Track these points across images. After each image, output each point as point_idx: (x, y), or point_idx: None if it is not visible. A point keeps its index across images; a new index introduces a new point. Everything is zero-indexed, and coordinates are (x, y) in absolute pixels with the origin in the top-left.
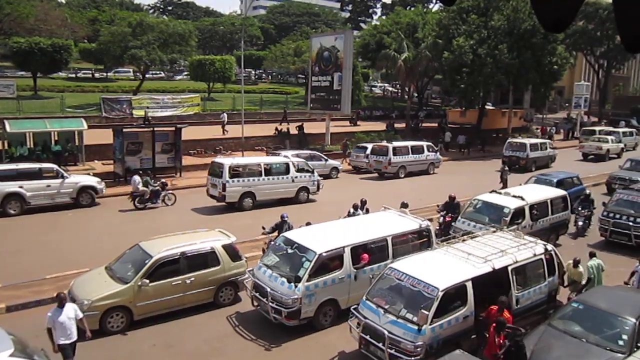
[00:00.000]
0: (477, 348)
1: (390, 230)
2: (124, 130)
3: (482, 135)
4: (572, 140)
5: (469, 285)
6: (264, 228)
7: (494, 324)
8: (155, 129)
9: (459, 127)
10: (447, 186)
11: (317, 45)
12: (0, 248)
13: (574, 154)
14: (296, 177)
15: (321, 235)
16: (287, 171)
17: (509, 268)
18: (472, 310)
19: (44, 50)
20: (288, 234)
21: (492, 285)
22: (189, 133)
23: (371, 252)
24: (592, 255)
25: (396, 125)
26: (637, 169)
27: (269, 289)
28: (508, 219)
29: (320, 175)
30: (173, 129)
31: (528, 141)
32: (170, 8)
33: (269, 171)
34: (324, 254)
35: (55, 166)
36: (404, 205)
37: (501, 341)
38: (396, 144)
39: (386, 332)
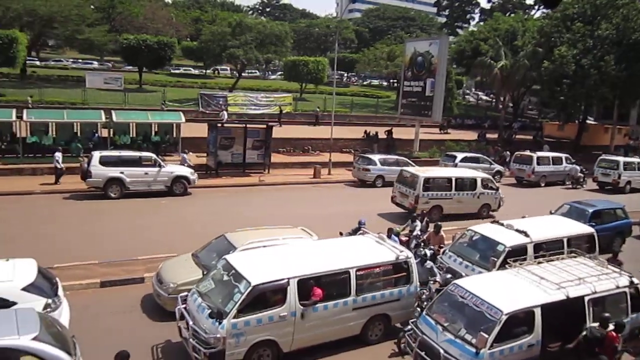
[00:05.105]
0: None
1: (357, 260)
2: (219, 125)
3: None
4: None
5: (538, 311)
6: (341, 234)
7: None
8: (248, 125)
9: (556, 142)
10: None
11: (410, 50)
12: (99, 228)
13: None
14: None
15: (266, 261)
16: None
17: (586, 298)
18: (539, 340)
19: (150, 47)
20: (230, 257)
21: (564, 315)
22: (279, 131)
23: (327, 286)
24: None
25: (488, 135)
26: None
27: (191, 322)
28: (499, 260)
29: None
30: (264, 126)
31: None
32: (268, 9)
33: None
34: (260, 286)
35: (153, 155)
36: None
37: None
38: (540, 153)
39: (442, 351)
